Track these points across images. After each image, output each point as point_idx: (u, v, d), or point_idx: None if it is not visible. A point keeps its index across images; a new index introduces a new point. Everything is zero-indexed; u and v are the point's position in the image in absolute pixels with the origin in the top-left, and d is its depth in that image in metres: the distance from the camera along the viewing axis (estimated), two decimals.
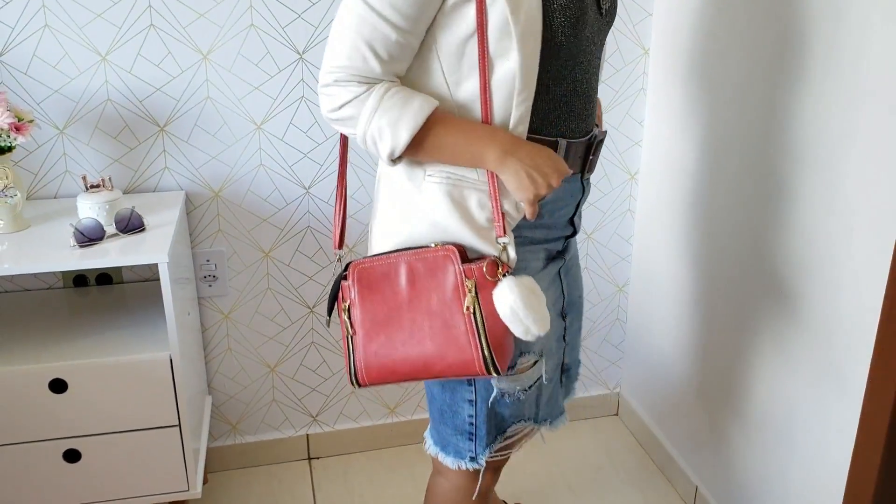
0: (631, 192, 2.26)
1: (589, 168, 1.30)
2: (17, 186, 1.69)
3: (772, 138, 1.62)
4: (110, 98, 1.87)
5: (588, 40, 1.20)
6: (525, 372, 1.31)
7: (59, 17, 1.78)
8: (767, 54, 1.61)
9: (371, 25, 1.10)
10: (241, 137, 1.97)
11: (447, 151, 1.14)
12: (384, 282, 1.20)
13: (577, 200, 1.31)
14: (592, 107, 1.27)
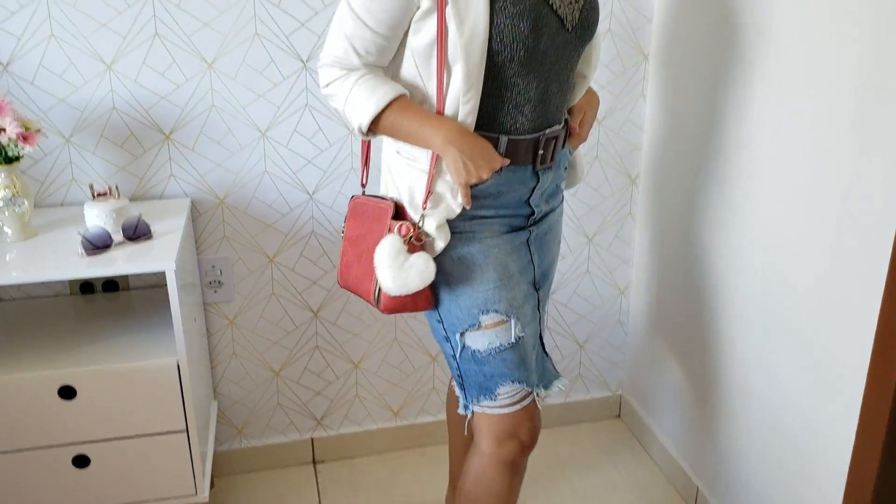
0: (632, 195, 2.28)
1: (542, 160, 1.44)
2: (25, 195, 1.71)
3: (772, 138, 1.64)
4: (116, 107, 1.88)
5: (545, 54, 1.34)
6: (490, 329, 1.45)
7: (65, 27, 1.80)
8: (765, 56, 1.63)
9: (353, 27, 1.34)
10: (245, 145, 1.99)
11: (402, 132, 1.37)
12: (359, 214, 1.51)
13: (531, 187, 1.47)
14: (551, 108, 1.43)
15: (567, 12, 1.36)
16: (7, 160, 1.67)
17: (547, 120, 1.43)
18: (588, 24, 1.41)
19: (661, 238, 2.16)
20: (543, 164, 1.45)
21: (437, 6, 1.29)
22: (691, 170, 1.96)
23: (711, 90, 1.84)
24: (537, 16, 1.31)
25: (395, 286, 1.37)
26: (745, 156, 1.73)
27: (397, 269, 1.37)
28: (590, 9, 1.41)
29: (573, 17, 1.37)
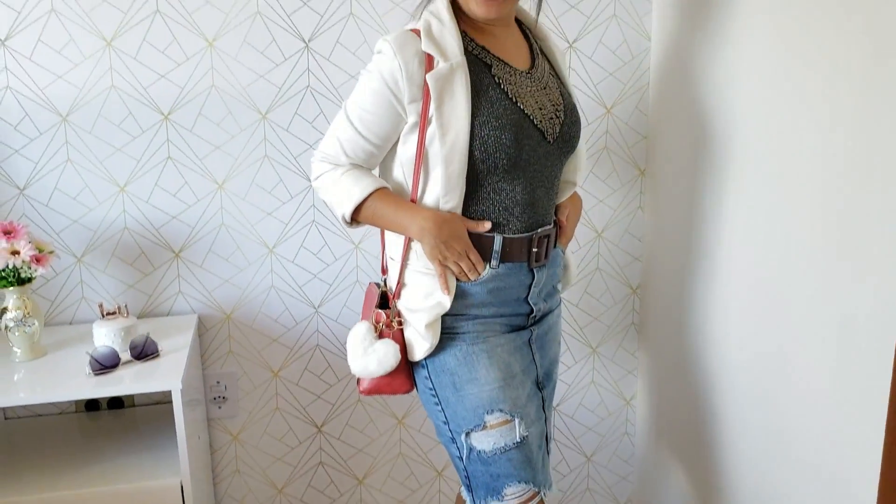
0: (634, 305, 2.30)
1: (536, 259, 1.50)
2: (35, 315, 1.74)
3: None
4: (128, 227, 1.93)
5: (528, 162, 1.44)
6: (495, 429, 1.45)
7: (81, 153, 1.87)
8: (743, 168, 1.68)
9: (346, 131, 1.45)
10: (253, 261, 2.03)
11: (382, 219, 1.46)
12: (366, 299, 1.62)
13: (528, 284, 1.51)
14: (539, 210, 1.50)
15: (547, 126, 1.46)
16: (20, 281, 1.71)
17: (537, 220, 1.50)
18: (568, 138, 1.51)
19: (663, 346, 2.17)
20: (538, 262, 1.51)
21: (420, 120, 1.39)
22: (688, 279, 1.98)
23: (699, 202, 1.88)
24: (518, 129, 1.41)
25: (356, 368, 1.47)
26: (736, 265, 1.76)
27: (361, 352, 1.47)
28: (570, 123, 1.51)
29: (553, 130, 1.47)
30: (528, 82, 1.46)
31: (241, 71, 1.91)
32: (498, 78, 1.42)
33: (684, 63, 1.94)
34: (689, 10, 1.89)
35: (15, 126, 1.83)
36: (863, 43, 1.35)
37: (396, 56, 1.37)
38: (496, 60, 1.44)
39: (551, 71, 1.54)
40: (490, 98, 1.39)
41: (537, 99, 1.45)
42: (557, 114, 1.48)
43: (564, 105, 1.50)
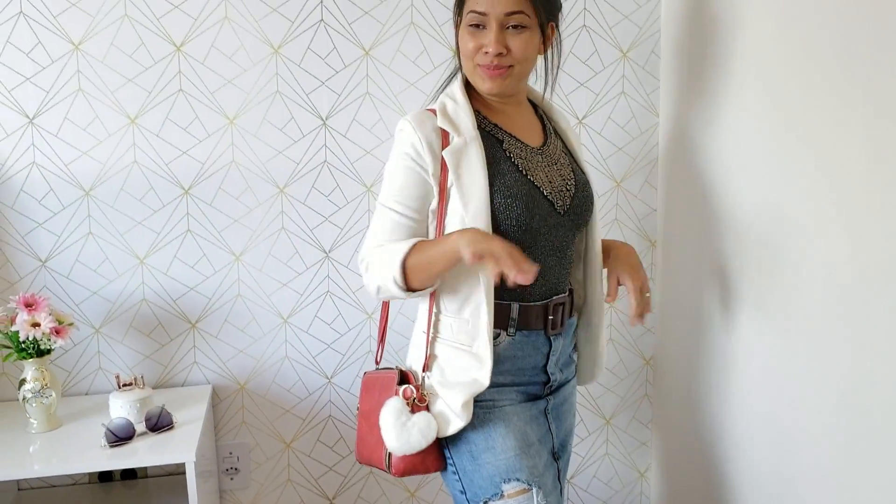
0: (647, 377, 2.30)
1: (552, 326, 1.52)
2: (53, 387, 1.76)
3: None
4: (146, 298, 1.97)
5: (538, 231, 1.47)
6: (513, 498, 1.44)
7: (103, 226, 1.92)
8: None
9: (383, 217, 1.46)
10: (268, 331, 2.05)
11: (427, 262, 1.39)
12: (371, 388, 1.56)
13: (546, 352, 1.53)
14: (551, 279, 1.52)
15: (557, 198, 1.49)
16: (39, 353, 1.73)
17: (551, 289, 1.52)
18: (580, 211, 1.54)
19: (676, 418, 2.15)
20: (554, 330, 1.53)
21: (440, 193, 1.44)
22: (701, 351, 1.99)
23: (711, 272, 1.90)
24: (528, 199, 1.45)
25: (398, 445, 1.43)
26: (747, 336, 1.77)
27: (400, 427, 1.43)
28: (581, 197, 1.54)
29: (564, 202, 1.50)
30: (539, 158, 1.51)
31: (261, 147, 1.96)
32: (509, 152, 1.47)
33: (692, 137, 1.98)
34: (695, 87, 1.95)
35: (39, 200, 1.89)
36: (861, 108, 1.39)
37: (416, 131, 1.43)
38: (507, 136, 1.49)
39: (564, 148, 1.59)
40: (501, 170, 1.45)
41: (547, 173, 1.50)
42: (568, 187, 1.52)
43: (576, 180, 1.54)
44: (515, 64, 1.44)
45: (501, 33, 1.41)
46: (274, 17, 1.92)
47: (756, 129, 1.71)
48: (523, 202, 1.44)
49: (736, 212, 1.81)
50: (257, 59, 1.93)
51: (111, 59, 1.87)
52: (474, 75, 1.47)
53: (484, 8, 1.41)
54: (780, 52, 1.62)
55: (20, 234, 1.89)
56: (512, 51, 1.43)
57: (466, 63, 1.48)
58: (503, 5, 1.40)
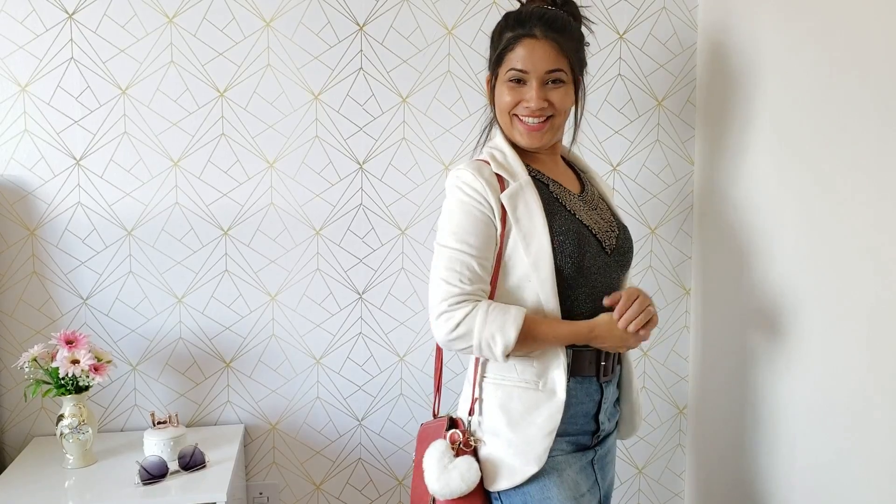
0: (680, 425, 2.27)
1: (604, 372, 1.51)
2: (90, 423, 1.78)
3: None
4: (182, 337, 2.00)
5: (590, 271, 1.48)
6: None
7: (143, 265, 1.96)
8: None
9: (453, 258, 1.44)
10: (300, 372, 2.07)
11: (542, 340, 1.44)
12: (423, 439, 1.56)
13: (598, 399, 1.52)
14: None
15: (605, 237, 1.53)
16: (77, 390, 1.76)
17: None
18: (624, 251, 1.57)
19: (710, 469, 2.12)
20: (606, 376, 1.52)
21: (499, 237, 1.45)
22: (736, 401, 1.96)
23: (746, 322, 1.88)
24: (580, 237, 1.48)
25: (438, 487, 1.43)
26: (786, 387, 1.74)
27: (441, 469, 1.44)
28: (624, 238, 1.58)
29: (610, 241, 1.54)
30: (581, 203, 1.55)
31: (299, 190, 2.00)
32: (556, 195, 1.52)
33: (727, 185, 1.98)
34: (730, 136, 1.95)
35: (83, 239, 1.93)
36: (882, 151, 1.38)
37: (477, 177, 1.46)
38: (552, 181, 1.54)
39: (600, 196, 1.62)
40: (553, 211, 1.48)
41: (590, 216, 1.54)
42: (612, 229, 1.56)
43: (616, 222, 1.59)
44: (555, 115, 1.50)
45: (542, 88, 1.48)
46: (315, 64, 1.97)
47: (789, 179, 1.71)
48: (575, 240, 1.46)
49: (771, 260, 1.80)
50: (298, 105, 1.97)
51: (157, 104, 1.92)
52: (512, 129, 1.52)
53: (525, 66, 1.47)
54: (813, 106, 1.62)
55: (63, 272, 1.94)
56: (551, 103, 1.49)
57: (503, 117, 1.53)
58: (545, 64, 1.46)
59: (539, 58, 1.46)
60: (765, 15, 1.79)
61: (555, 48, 1.46)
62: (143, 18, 1.89)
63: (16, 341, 1.94)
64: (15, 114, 1.88)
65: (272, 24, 1.94)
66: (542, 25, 1.46)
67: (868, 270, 1.49)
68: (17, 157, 1.89)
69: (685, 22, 2.09)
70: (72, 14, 1.87)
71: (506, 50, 1.48)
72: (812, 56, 1.63)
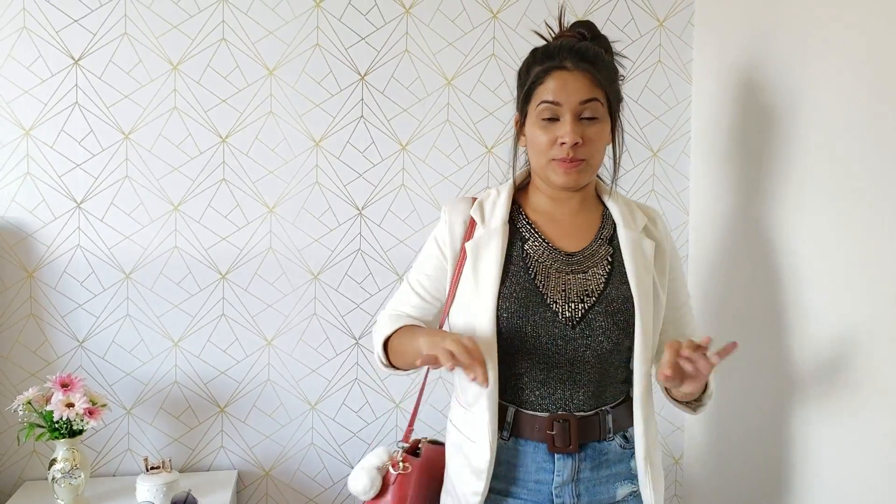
0: (676, 476, 2.25)
1: (554, 443, 1.39)
2: (82, 467, 1.77)
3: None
4: (178, 381, 1.99)
5: (535, 338, 1.38)
6: None
7: (140, 308, 1.96)
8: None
9: (404, 287, 1.53)
10: (295, 417, 2.06)
11: (404, 349, 1.42)
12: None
13: (549, 470, 1.40)
14: (558, 393, 1.40)
15: (566, 308, 1.39)
16: (71, 434, 1.75)
17: (558, 403, 1.40)
18: (595, 326, 1.39)
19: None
20: (558, 447, 1.39)
21: (454, 276, 1.45)
22: (733, 451, 1.96)
23: (741, 373, 1.88)
24: (525, 304, 1.38)
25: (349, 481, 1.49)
26: (785, 439, 1.74)
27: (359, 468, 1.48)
28: (603, 313, 1.39)
29: (573, 314, 1.38)
30: (565, 264, 1.42)
31: (298, 235, 2.01)
32: (527, 252, 1.42)
33: (722, 236, 2.00)
34: (724, 187, 1.98)
35: (81, 282, 1.94)
36: None
37: (447, 217, 1.48)
38: (536, 236, 1.44)
39: (609, 256, 1.44)
40: (512, 270, 1.40)
41: (567, 281, 1.40)
42: (583, 298, 1.39)
43: (603, 293, 1.40)
44: (589, 157, 1.38)
45: (576, 123, 1.35)
46: (316, 112, 2.00)
47: (784, 225, 1.73)
48: (520, 306, 1.38)
49: (771, 309, 1.81)
50: (299, 151, 2.00)
51: (159, 149, 1.94)
52: (548, 170, 1.40)
53: (557, 97, 1.35)
54: (811, 155, 1.65)
55: (60, 314, 1.94)
56: (587, 141, 1.36)
57: (539, 158, 1.40)
58: (578, 93, 1.35)
59: (572, 88, 1.35)
60: (759, 69, 1.83)
61: (588, 78, 1.35)
62: (147, 65, 1.92)
63: (10, 384, 1.93)
64: (18, 157, 1.90)
65: (275, 72, 1.97)
66: (574, 57, 1.36)
67: (876, 310, 1.50)
68: (18, 200, 1.90)
69: (680, 75, 2.14)
70: (77, 60, 1.90)
71: (535, 84, 1.38)
72: (807, 107, 1.66)
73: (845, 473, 1.56)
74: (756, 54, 1.84)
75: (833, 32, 1.57)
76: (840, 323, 1.56)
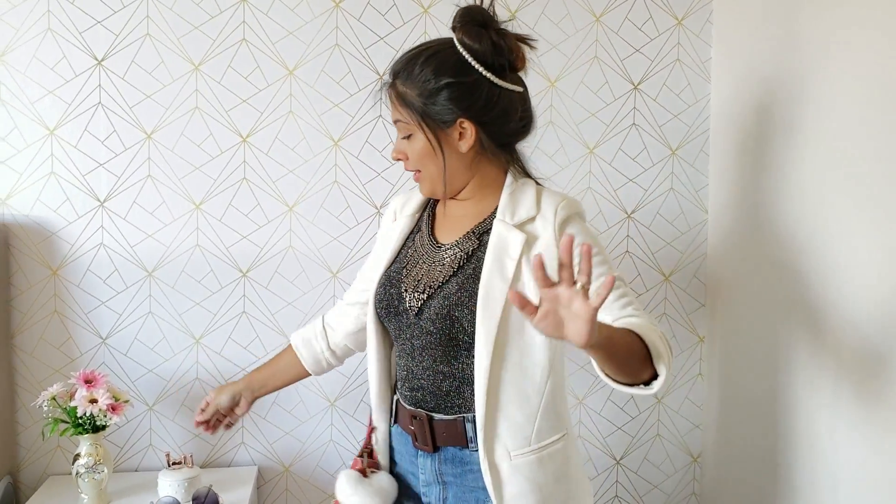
0: (694, 474, 2.25)
1: (416, 439, 1.40)
2: (105, 462, 1.79)
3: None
4: (199, 377, 2.02)
5: (389, 323, 1.43)
6: None
7: (163, 306, 1.99)
8: None
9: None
10: (314, 414, 2.07)
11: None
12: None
13: (415, 463, 1.42)
14: (416, 387, 1.39)
15: (408, 297, 1.38)
16: (94, 429, 1.78)
17: (415, 399, 1.39)
18: (429, 317, 1.34)
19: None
20: (417, 443, 1.40)
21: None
22: (752, 450, 1.95)
23: (760, 371, 1.88)
24: (382, 288, 1.43)
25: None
26: (802, 437, 1.74)
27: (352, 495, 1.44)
28: (437, 307, 1.34)
29: (413, 303, 1.37)
30: (430, 253, 1.40)
31: (317, 233, 2.03)
32: (412, 240, 1.46)
33: (741, 234, 1.99)
34: (743, 186, 1.97)
35: (104, 280, 1.97)
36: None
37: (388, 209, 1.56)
38: (425, 227, 1.45)
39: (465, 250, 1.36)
40: (397, 256, 1.46)
41: (423, 270, 1.38)
42: (425, 289, 1.36)
43: (441, 286, 1.35)
44: (421, 169, 1.38)
45: (400, 140, 1.40)
46: (335, 111, 2.01)
47: (803, 227, 1.72)
48: (379, 289, 1.43)
49: (788, 308, 1.80)
50: (318, 151, 2.01)
51: (181, 149, 1.97)
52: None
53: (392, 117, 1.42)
54: (831, 152, 1.64)
55: (84, 311, 1.97)
56: (408, 157, 1.39)
57: None
58: (391, 113, 1.40)
59: (390, 107, 1.40)
60: (778, 66, 1.83)
61: (393, 96, 1.37)
62: (169, 65, 1.95)
63: (35, 380, 1.96)
64: (42, 156, 1.93)
65: (295, 72, 1.99)
66: (390, 70, 1.39)
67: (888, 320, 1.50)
68: (42, 199, 1.93)
69: (698, 73, 2.13)
70: (101, 60, 1.93)
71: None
72: (826, 104, 1.66)
73: (868, 479, 1.55)
74: (775, 52, 1.83)
75: (853, 31, 1.56)
76: (862, 322, 1.55)
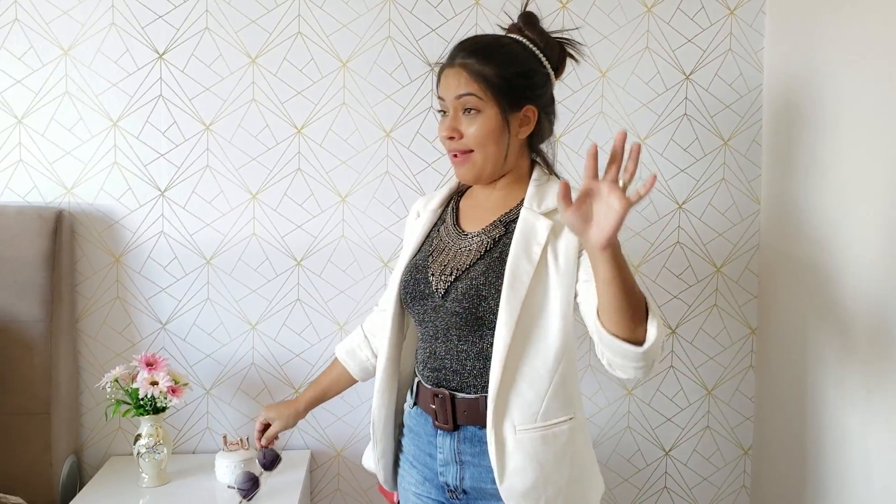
0: (745, 468, 2.24)
1: (437, 418, 1.41)
2: (165, 443, 1.86)
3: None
4: (255, 363, 2.07)
5: (414, 309, 1.45)
6: None
7: (220, 292, 2.04)
8: None
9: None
10: (366, 399, 2.11)
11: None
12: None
13: (435, 444, 1.42)
14: (439, 367, 1.41)
15: (436, 280, 1.41)
16: (155, 410, 1.84)
17: (438, 378, 1.41)
18: (455, 299, 1.37)
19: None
20: (439, 423, 1.41)
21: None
22: (804, 443, 1.93)
23: (814, 363, 1.86)
24: (408, 275, 1.46)
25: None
26: (855, 431, 1.71)
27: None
28: (463, 289, 1.37)
29: (439, 286, 1.40)
30: (456, 241, 1.43)
31: (369, 223, 2.07)
32: (437, 230, 1.49)
33: (793, 225, 1.97)
34: (796, 176, 1.95)
35: (164, 267, 2.03)
36: None
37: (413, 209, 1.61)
38: (451, 218, 1.48)
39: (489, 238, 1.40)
40: (422, 247, 1.49)
41: (449, 255, 1.42)
42: (452, 272, 1.39)
43: (467, 270, 1.38)
44: (473, 149, 1.37)
45: (456, 118, 1.38)
46: (387, 103, 2.04)
47: (857, 216, 1.70)
48: (405, 276, 1.46)
49: (841, 300, 1.78)
50: (370, 142, 2.05)
51: (238, 140, 2.02)
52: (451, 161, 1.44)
53: (441, 93, 1.40)
54: (881, 144, 1.62)
55: (144, 297, 2.03)
56: (464, 135, 1.37)
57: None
58: (454, 88, 1.37)
59: (451, 84, 1.37)
60: (831, 55, 1.80)
61: (465, 72, 1.35)
62: (227, 59, 2.00)
63: (98, 363, 2.03)
64: (106, 147, 2.00)
65: (348, 64, 2.03)
66: (460, 52, 1.38)
67: None
68: (106, 188, 2.00)
69: (751, 63, 2.11)
70: (162, 54, 1.99)
71: (437, 82, 1.43)
72: (880, 95, 1.63)
73: None
74: (828, 42, 1.81)
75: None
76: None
